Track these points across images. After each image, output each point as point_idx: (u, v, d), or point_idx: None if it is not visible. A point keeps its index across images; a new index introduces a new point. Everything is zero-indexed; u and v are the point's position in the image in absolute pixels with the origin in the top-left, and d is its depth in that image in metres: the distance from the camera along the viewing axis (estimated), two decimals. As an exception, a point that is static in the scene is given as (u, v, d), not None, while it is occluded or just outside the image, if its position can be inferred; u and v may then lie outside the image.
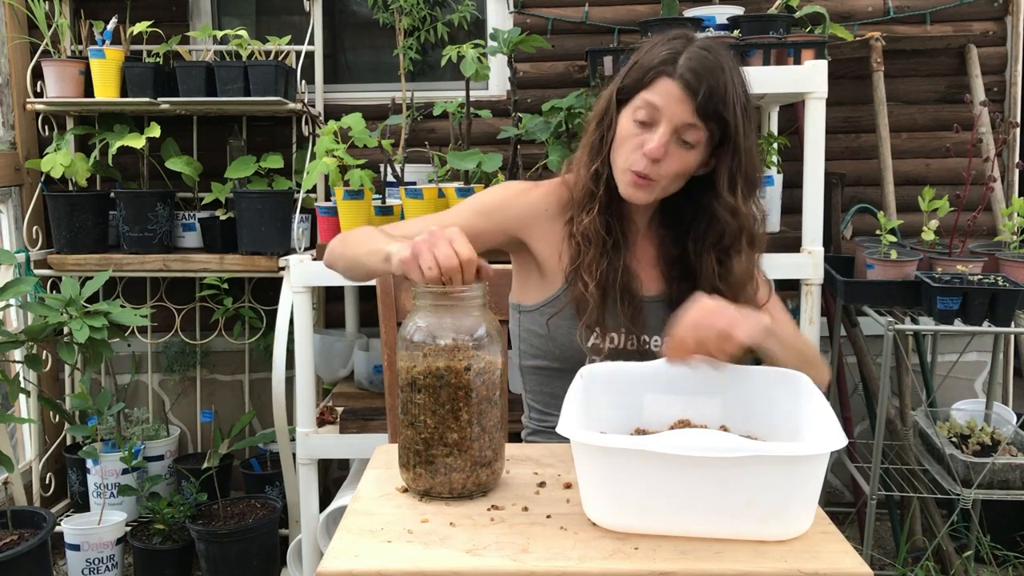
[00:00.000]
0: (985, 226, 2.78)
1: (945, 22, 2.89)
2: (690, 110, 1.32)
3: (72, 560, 2.55)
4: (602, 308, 1.40)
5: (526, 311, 1.51)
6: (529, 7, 2.94)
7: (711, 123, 1.33)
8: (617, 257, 1.42)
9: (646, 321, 1.44)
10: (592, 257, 1.41)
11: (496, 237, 1.48)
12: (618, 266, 1.42)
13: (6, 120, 2.86)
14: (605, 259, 1.41)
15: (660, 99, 1.33)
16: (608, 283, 1.41)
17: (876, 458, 2.21)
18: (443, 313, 1.08)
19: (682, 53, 1.34)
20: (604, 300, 1.40)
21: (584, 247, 1.42)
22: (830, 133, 2.40)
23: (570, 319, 1.44)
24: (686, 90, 1.32)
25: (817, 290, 2.29)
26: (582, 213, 1.43)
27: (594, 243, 1.41)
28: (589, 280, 1.40)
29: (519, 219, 1.48)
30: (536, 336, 1.49)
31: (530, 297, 1.51)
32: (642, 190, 1.38)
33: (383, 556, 0.94)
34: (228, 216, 2.78)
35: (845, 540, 0.98)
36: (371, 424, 2.45)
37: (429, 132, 2.92)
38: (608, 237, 1.42)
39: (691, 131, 1.34)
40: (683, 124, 1.33)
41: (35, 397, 2.76)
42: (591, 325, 1.41)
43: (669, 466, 0.95)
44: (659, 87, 1.34)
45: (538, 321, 1.48)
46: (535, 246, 1.48)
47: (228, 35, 2.70)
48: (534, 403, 1.56)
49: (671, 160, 1.35)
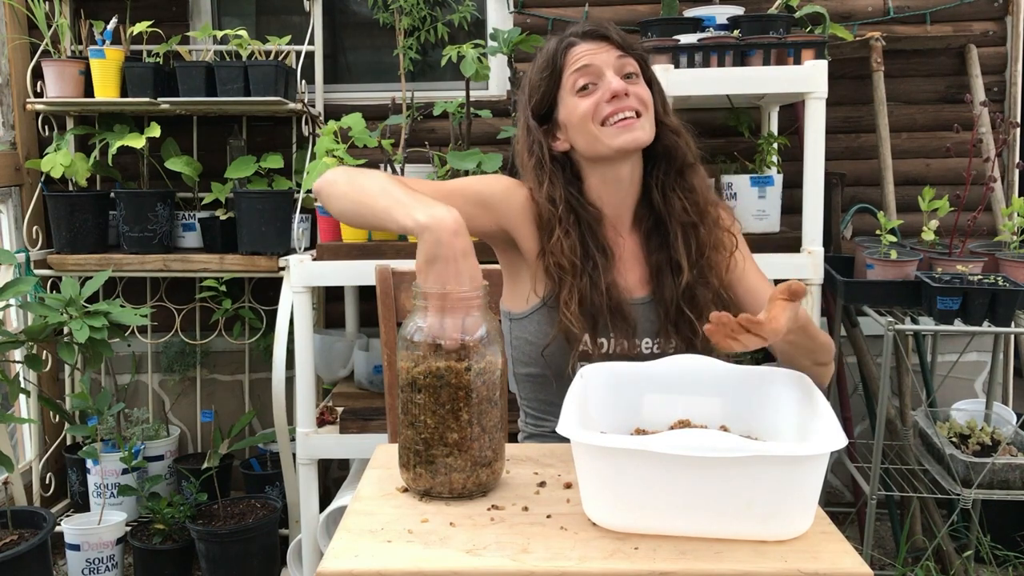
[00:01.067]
0: (985, 226, 2.78)
1: (945, 22, 2.89)
2: (613, 47, 1.40)
3: (72, 560, 2.55)
4: (593, 332, 1.38)
5: (516, 319, 1.48)
6: (529, 7, 2.94)
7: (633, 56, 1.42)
8: (598, 275, 1.38)
9: (636, 325, 1.41)
10: (570, 287, 1.37)
11: (489, 228, 1.45)
12: (600, 284, 1.38)
13: (6, 120, 2.86)
14: (586, 282, 1.37)
15: (585, 58, 1.40)
16: (594, 306, 1.37)
17: (876, 458, 2.21)
18: (443, 313, 1.08)
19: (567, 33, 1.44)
20: (594, 324, 1.37)
21: (560, 278, 1.38)
22: (830, 133, 2.40)
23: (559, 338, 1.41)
24: (598, 39, 1.41)
25: (817, 290, 2.29)
26: (552, 242, 1.39)
27: (569, 271, 1.37)
28: (569, 314, 1.36)
29: (510, 212, 1.45)
30: (527, 344, 1.46)
31: (518, 304, 1.47)
32: (635, 129, 1.39)
33: (383, 556, 0.94)
34: (228, 216, 2.78)
35: (845, 540, 0.98)
36: (371, 424, 2.45)
37: (429, 132, 2.92)
38: (586, 260, 1.38)
39: (627, 64, 1.40)
40: (617, 63, 1.40)
41: (35, 397, 2.76)
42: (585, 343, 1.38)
43: (669, 466, 0.95)
44: (575, 54, 1.41)
45: (528, 329, 1.45)
46: (523, 245, 1.45)
47: (228, 35, 2.70)
48: (529, 408, 1.54)
49: (635, 91, 1.40)
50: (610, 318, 1.38)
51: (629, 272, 1.45)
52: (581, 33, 1.42)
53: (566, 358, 1.40)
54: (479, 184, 1.47)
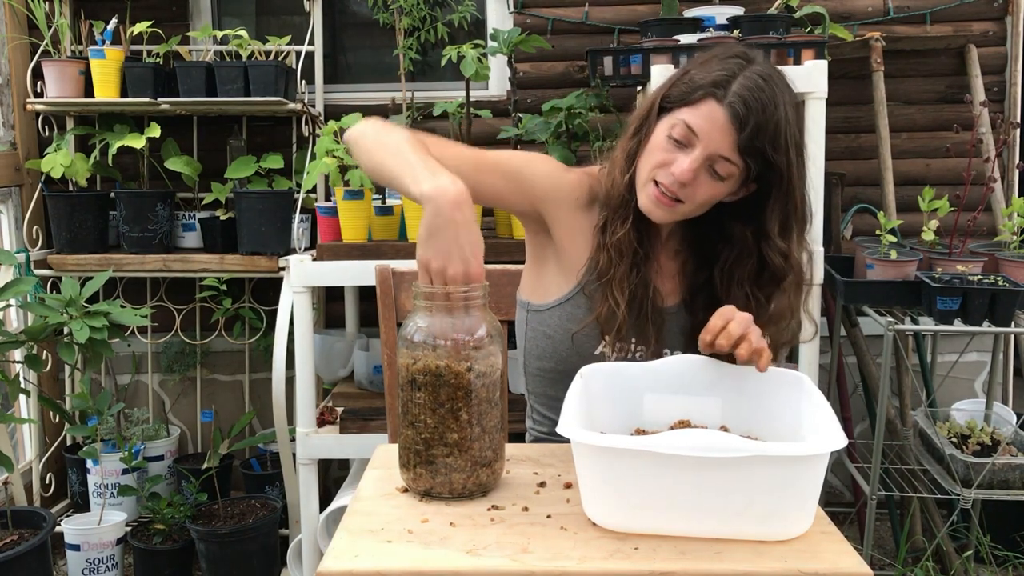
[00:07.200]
0: (985, 226, 2.78)
1: (945, 22, 2.89)
2: (731, 143, 1.23)
3: (72, 560, 2.55)
4: (629, 324, 1.35)
5: (536, 310, 1.44)
6: (529, 7, 2.94)
7: (751, 160, 1.24)
8: (647, 271, 1.36)
9: (664, 332, 1.39)
10: (623, 272, 1.34)
11: (523, 207, 1.40)
12: (648, 280, 1.36)
13: (6, 120, 2.86)
14: (635, 274, 1.34)
15: (701, 123, 1.24)
16: (636, 298, 1.35)
17: (876, 458, 2.21)
18: (443, 313, 1.08)
19: (736, 77, 1.24)
20: (632, 315, 1.34)
21: (616, 260, 1.34)
22: (830, 133, 2.40)
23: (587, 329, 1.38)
24: (732, 120, 1.22)
25: (817, 290, 2.29)
26: (616, 222, 1.35)
27: (626, 256, 1.34)
28: (620, 297, 1.33)
29: (548, 195, 1.39)
30: (544, 338, 1.42)
31: (541, 295, 1.44)
32: (663, 209, 1.30)
33: (383, 556, 0.94)
34: (228, 216, 2.78)
35: (845, 540, 0.98)
36: (371, 424, 2.45)
37: (429, 132, 2.91)
38: (640, 249, 1.35)
39: (725, 164, 1.25)
40: (719, 155, 1.24)
41: (35, 397, 2.76)
42: (614, 335, 1.36)
43: (669, 466, 0.95)
44: (703, 109, 1.24)
45: (548, 323, 1.42)
46: (557, 232, 1.41)
47: (228, 35, 2.70)
48: (537, 405, 1.51)
49: (698, 187, 1.27)
50: (649, 310, 1.35)
51: (662, 280, 1.41)
52: (729, 100, 1.23)
53: (588, 351, 1.38)
54: (521, 161, 1.41)
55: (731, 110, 1.22)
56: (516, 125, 2.56)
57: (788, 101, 1.25)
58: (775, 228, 1.30)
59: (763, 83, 1.23)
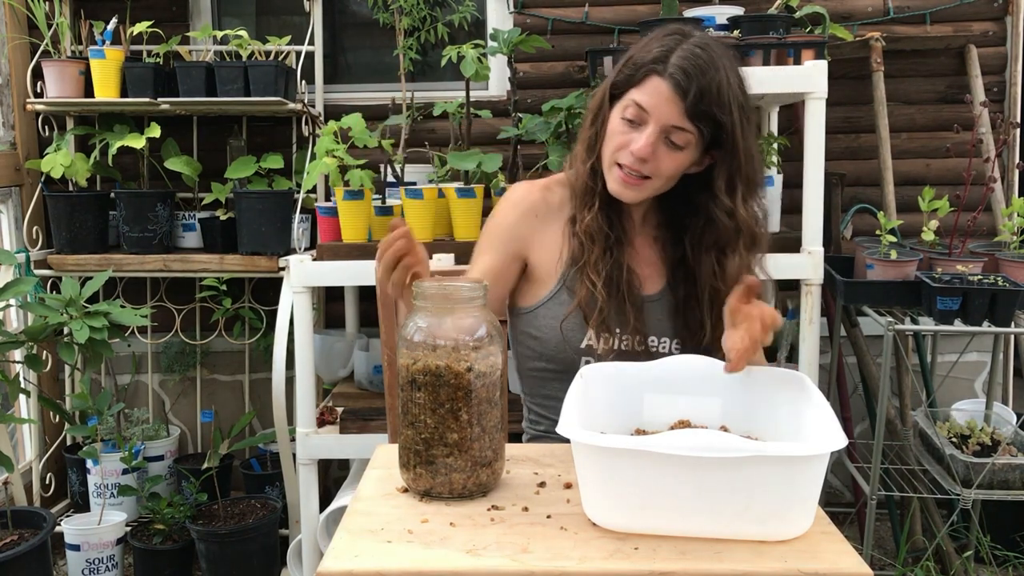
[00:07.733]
0: (985, 226, 2.78)
1: (945, 22, 2.89)
2: (679, 111, 1.30)
3: (72, 560, 2.55)
4: (609, 307, 1.39)
5: (523, 313, 1.49)
6: (529, 7, 2.94)
7: (702, 124, 1.30)
8: (620, 254, 1.41)
9: (648, 320, 1.43)
10: (596, 255, 1.39)
11: (514, 267, 1.48)
12: (622, 263, 1.41)
13: (6, 120, 2.86)
14: (609, 256, 1.40)
15: (649, 99, 1.31)
16: (613, 281, 1.40)
17: (876, 458, 2.21)
18: (443, 313, 1.08)
19: (674, 51, 1.30)
20: (610, 298, 1.39)
21: (588, 245, 1.40)
22: (830, 133, 2.40)
23: (570, 320, 1.43)
24: (675, 90, 1.29)
25: (817, 290, 2.29)
26: (584, 210, 1.42)
27: (597, 240, 1.40)
28: (595, 279, 1.38)
29: (524, 240, 1.48)
30: (531, 338, 1.48)
31: (525, 299, 1.50)
32: (631, 188, 1.37)
33: (383, 556, 0.94)
34: (228, 216, 2.78)
35: (845, 540, 0.98)
36: (371, 424, 2.45)
37: (429, 132, 2.92)
38: (611, 233, 1.41)
39: (679, 133, 1.31)
40: (671, 125, 1.31)
41: (35, 397, 2.76)
42: (599, 325, 1.40)
43: (669, 466, 0.95)
44: (648, 86, 1.31)
45: (533, 323, 1.47)
46: (533, 258, 1.48)
47: (228, 35, 2.70)
48: (532, 405, 1.55)
49: (660, 160, 1.34)
50: (625, 294, 1.40)
51: (641, 266, 1.46)
52: (670, 72, 1.29)
53: (576, 344, 1.41)
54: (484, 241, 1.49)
55: (672, 80, 1.29)
56: (516, 125, 2.56)
57: (728, 66, 1.31)
58: (721, 186, 1.36)
59: (700, 51, 1.30)
